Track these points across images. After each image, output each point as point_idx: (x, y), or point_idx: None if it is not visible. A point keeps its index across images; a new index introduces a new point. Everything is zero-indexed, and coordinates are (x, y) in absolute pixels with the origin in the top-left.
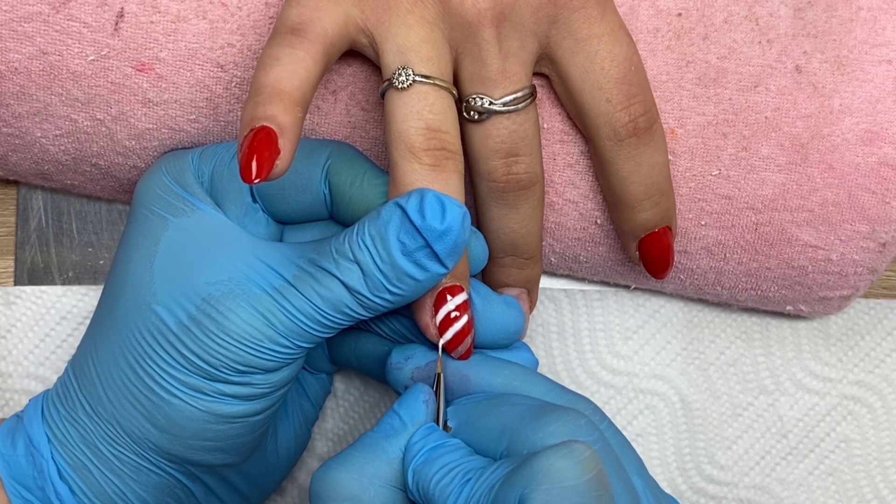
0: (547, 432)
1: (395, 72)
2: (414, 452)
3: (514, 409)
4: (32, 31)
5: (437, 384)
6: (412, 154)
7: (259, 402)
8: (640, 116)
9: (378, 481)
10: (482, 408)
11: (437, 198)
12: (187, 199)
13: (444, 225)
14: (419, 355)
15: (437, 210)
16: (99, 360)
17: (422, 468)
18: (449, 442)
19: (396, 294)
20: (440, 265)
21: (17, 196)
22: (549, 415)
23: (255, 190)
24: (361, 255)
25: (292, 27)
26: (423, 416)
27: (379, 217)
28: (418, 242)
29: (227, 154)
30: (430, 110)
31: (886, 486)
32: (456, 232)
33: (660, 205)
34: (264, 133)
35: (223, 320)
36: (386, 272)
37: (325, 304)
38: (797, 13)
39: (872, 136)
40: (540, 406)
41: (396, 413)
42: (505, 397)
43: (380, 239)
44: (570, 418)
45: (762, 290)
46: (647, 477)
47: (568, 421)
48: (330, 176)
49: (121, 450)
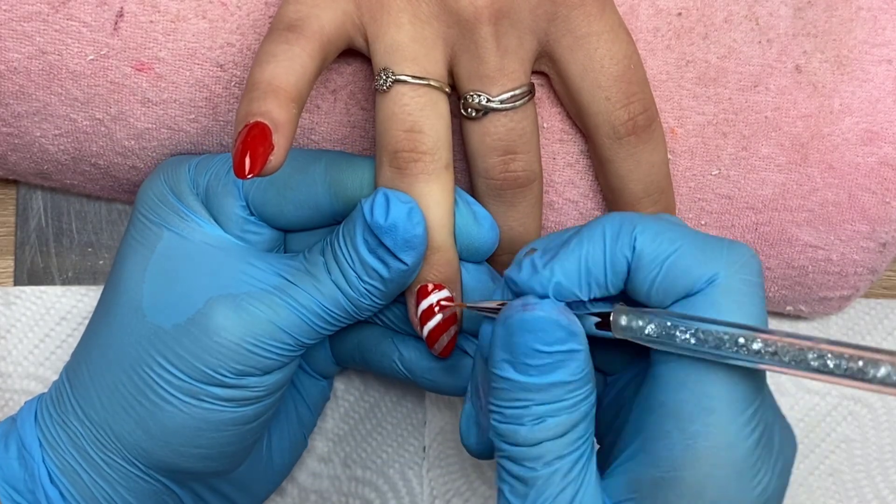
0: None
1: (378, 73)
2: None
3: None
4: (32, 31)
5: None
6: (386, 157)
7: (252, 407)
8: (640, 114)
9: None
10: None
11: (384, 195)
12: (182, 210)
13: (388, 221)
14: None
15: (382, 207)
16: (93, 365)
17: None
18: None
19: (372, 291)
20: (398, 261)
21: (17, 196)
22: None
23: (251, 206)
24: (338, 254)
25: (289, 24)
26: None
27: (350, 218)
28: (376, 240)
29: (223, 168)
30: (404, 111)
31: (887, 486)
32: (401, 227)
33: (659, 203)
34: (259, 129)
35: (224, 319)
36: (358, 270)
37: (326, 299)
38: (797, 13)
39: (872, 135)
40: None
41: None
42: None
43: (349, 239)
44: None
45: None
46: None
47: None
48: (335, 189)
49: (111, 455)
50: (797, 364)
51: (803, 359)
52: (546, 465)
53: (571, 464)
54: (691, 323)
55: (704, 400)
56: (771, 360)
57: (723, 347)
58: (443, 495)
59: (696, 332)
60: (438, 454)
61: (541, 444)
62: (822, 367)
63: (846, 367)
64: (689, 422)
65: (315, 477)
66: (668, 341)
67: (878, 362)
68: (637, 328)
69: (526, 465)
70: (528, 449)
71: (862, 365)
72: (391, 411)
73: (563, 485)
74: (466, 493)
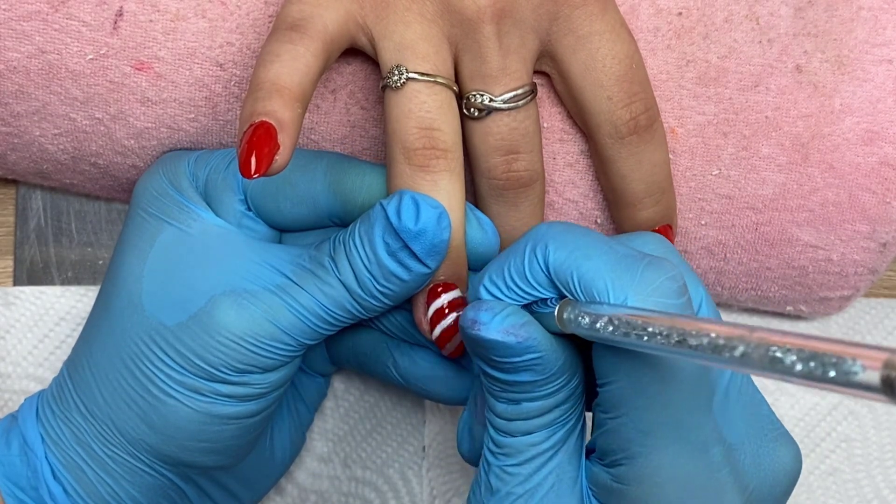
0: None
1: (390, 70)
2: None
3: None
4: (31, 30)
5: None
6: (402, 155)
7: (255, 402)
8: (641, 114)
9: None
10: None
11: (412, 199)
12: (183, 202)
13: (418, 226)
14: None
15: (411, 211)
16: (94, 360)
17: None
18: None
19: (387, 293)
20: (422, 265)
21: (17, 196)
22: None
23: (250, 201)
24: (352, 255)
25: (292, 23)
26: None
27: (367, 219)
28: (399, 243)
29: (223, 162)
30: (422, 108)
31: (887, 485)
32: (431, 232)
33: (660, 203)
34: (264, 128)
35: (225, 318)
36: (374, 272)
37: (328, 300)
38: (798, 13)
39: (873, 135)
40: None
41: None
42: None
43: (367, 239)
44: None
45: (762, 291)
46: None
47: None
48: (335, 188)
49: (115, 450)
50: (679, 345)
51: (682, 339)
52: (518, 437)
53: (543, 438)
54: (615, 312)
55: (639, 423)
56: (686, 349)
57: (632, 334)
58: (443, 495)
59: (612, 321)
60: (438, 454)
61: (514, 422)
62: (699, 347)
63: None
64: (628, 442)
65: (315, 477)
66: (597, 334)
67: (739, 341)
68: (575, 322)
69: (501, 433)
70: (505, 422)
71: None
72: (391, 411)
73: (530, 454)
74: (466, 493)
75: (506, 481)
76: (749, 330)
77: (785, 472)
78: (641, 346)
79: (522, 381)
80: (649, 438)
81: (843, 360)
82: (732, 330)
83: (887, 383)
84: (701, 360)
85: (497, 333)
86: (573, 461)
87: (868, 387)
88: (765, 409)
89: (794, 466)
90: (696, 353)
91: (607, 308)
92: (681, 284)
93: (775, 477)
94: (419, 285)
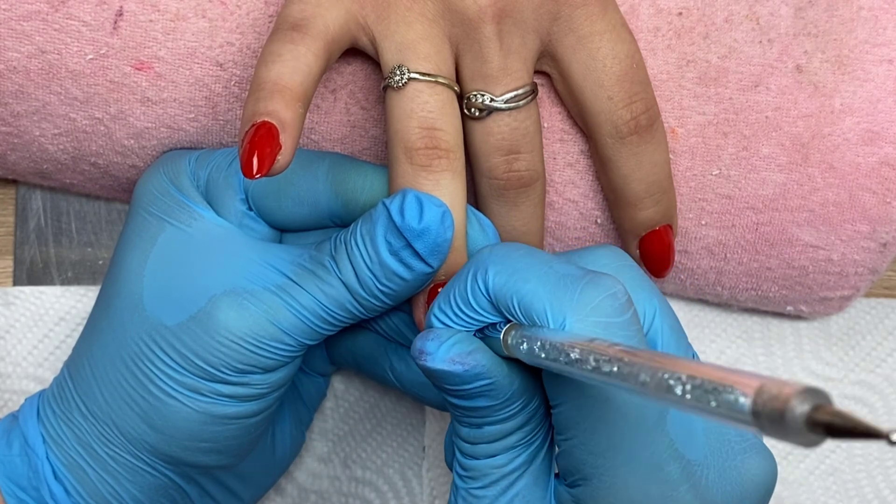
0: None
1: (392, 70)
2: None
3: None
4: (31, 30)
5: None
6: (405, 154)
7: (256, 402)
8: (642, 114)
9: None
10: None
11: (416, 198)
12: (184, 202)
13: (421, 224)
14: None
15: (415, 210)
16: (95, 360)
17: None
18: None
19: (388, 293)
20: (424, 264)
21: (17, 196)
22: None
23: (251, 200)
24: (353, 254)
25: (294, 23)
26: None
27: (369, 218)
28: (402, 242)
29: (224, 161)
30: (424, 108)
31: (887, 485)
32: (434, 231)
33: (661, 203)
34: (265, 128)
35: (225, 318)
36: (375, 271)
37: (329, 300)
38: (798, 12)
39: (873, 135)
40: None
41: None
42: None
43: (369, 239)
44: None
45: (762, 291)
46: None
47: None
48: (336, 188)
49: (116, 450)
50: (595, 371)
51: (595, 367)
52: (482, 460)
53: (507, 460)
54: (550, 337)
55: (589, 445)
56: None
57: (559, 359)
58: (443, 495)
59: (543, 346)
60: (438, 454)
61: (478, 445)
62: (612, 373)
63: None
64: (581, 464)
65: (315, 477)
66: (537, 359)
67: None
68: (517, 347)
69: (466, 456)
70: (469, 446)
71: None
72: (391, 411)
73: (495, 477)
74: None
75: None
76: (650, 357)
77: (755, 485)
78: (568, 372)
79: (479, 407)
80: (599, 459)
81: (725, 389)
82: (636, 356)
83: (755, 412)
84: (614, 386)
85: (443, 363)
86: (540, 482)
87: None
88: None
89: (766, 477)
90: (609, 380)
91: (545, 332)
92: (623, 301)
93: (744, 490)
94: (421, 285)
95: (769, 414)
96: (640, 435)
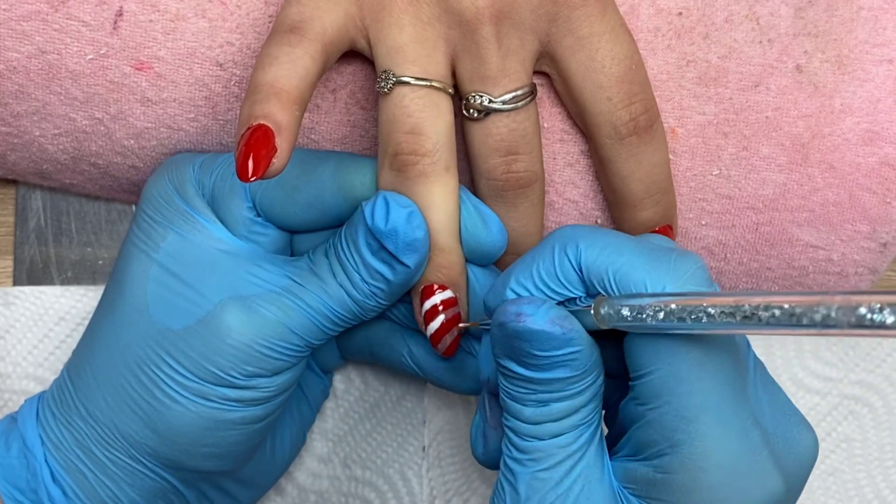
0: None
1: (380, 75)
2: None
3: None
4: (31, 30)
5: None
6: (386, 159)
7: (261, 407)
8: (641, 115)
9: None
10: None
11: (384, 199)
12: (188, 212)
13: (388, 226)
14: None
15: (382, 211)
16: (97, 363)
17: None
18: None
19: (377, 292)
20: (400, 263)
21: (16, 196)
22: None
23: (258, 207)
24: (341, 256)
25: (291, 26)
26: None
27: (352, 221)
28: (377, 243)
29: (229, 169)
30: (405, 112)
31: (888, 485)
32: (401, 231)
33: (660, 203)
34: (261, 131)
35: (234, 321)
36: (361, 272)
37: (332, 301)
38: (798, 13)
39: (873, 135)
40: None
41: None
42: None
43: (352, 241)
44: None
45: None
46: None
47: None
48: (343, 191)
49: (116, 453)
50: (747, 320)
51: (753, 313)
52: (547, 440)
53: (572, 439)
54: (661, 300)
55: (682, 410)
56: (725, 321)
57: (687, 318)
58: (443, 495)
59: (661, 308)
60: (438, 454)
61: (542, 425)
62: (771, 319)
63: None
64: (671, 431)
65: (315, 477)
66: (643, 323)
67: (817, 305)
68: (616, 315)
69: (527, 438)
70: (532, 426)
71: (800, 311)
72: (391, 411)
73: (560, 457)
74: (466, 494)
75: (536, 488)
76: (829, 295)
77: (808, 456)
78: (699, 328)
79: (556, 379)
80: (692, 425)
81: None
82: (809, 298)
83: None
84: (774, 331)
85: (544, 324)
86: (598, 462)
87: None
88: (783, 396)
89: (815, 449)
90: (769, 325)
91: (647, 299)
92: (709, 274)
93: (800, 460)
94: (407, 283)
95: None
96: (732, 399)
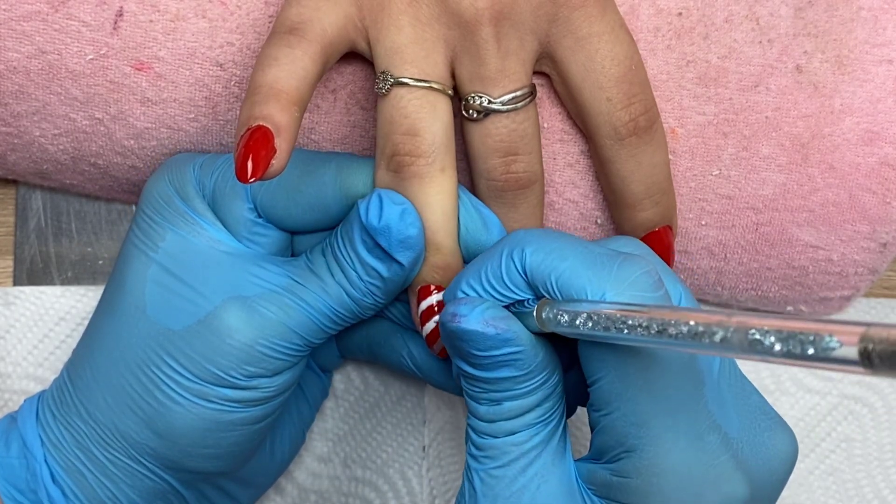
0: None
1: (378, 76)
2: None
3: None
4: (31, 30)
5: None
6: (383, 160)
7: (261, 407)
8: (641, 115)
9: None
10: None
11: (378, 197)
12: (188, 213)
13: (381, 222)
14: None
15: (376, 208)
16: (97, 364)
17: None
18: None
19: (374, 290)
20: (394, 261)
21: (17, 196)
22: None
23: (260, 208)
24: (338, 254)
25: (291, 27)
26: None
27: (348, 219)
28: (372, 240)
29: (230, 170)
30: (401, 114)
31: (887, 485)
32: (394, 228)
33: (660, 204)
34: (261, 132)
35: (235, 320)
36: (358, 270)
37: (332, 299)
38: (798, 13)
39: (873, 136)
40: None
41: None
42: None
43: (348, 239)
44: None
45: (762, 291)
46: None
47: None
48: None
49: (116, 454)
50: (659, 335)
51: (663, 329)
52: (501, 438)
53: (526, 437)
54: (595, 307)
55: (631, 416)
56: (646, 335)
57: (612, 328)
58: (443, 495)
59: (591, 318)
60: (438, 454)
61: (496, 423)
62: (679, 335)
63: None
64: (624, 436)
65: (315, 477)
66: (577, 330)
67: (714, 326)
68: (555, 320)
69: (483, 436)
70: (487, 424)
71: (701, 330)
72: (391, 411)
73: (514, 455)
74: None
75: (490, 485)
76: (727, 315)
77: (781, 460)
78: (622, 340)
79: (503, 378)
80: (642, 430)
81: (821, 338)
82: (710, 317)
83: (864, 356)
84: (682, 348)
85: (477, 324)
86: (557, 463)
87: (846, 360)
88: (755, 398)
89: (791, 453)
90: (677, 342)
91: (586, 305)
92: (656, 279)
93: (772, 465)
94: (403, 281)
95: (883, 354)
96: (681, 402)
